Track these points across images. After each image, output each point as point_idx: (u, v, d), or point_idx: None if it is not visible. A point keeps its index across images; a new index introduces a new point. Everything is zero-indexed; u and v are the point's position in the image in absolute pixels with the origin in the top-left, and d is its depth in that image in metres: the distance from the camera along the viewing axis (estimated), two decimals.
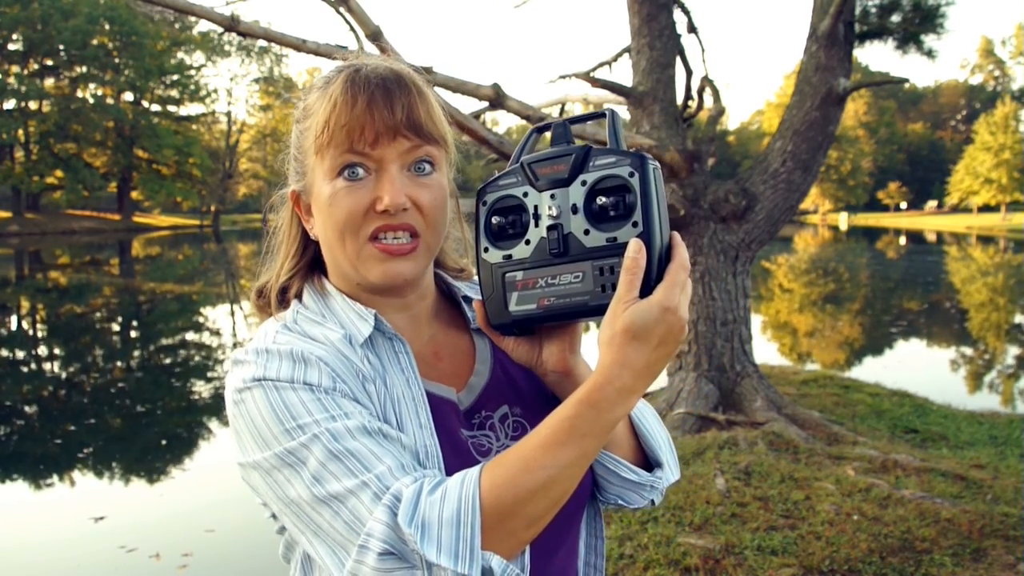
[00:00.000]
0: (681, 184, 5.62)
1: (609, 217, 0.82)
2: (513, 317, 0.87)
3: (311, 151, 0.90)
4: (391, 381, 0.89)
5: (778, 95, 65.86)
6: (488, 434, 0.94)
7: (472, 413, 0.94)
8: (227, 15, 4.37)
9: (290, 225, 0.99)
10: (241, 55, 55.94)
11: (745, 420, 5.46)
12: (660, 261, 0.80)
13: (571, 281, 0.83)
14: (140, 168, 49.47)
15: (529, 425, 0.95)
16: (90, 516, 4.86)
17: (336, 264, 0.93)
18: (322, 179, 0.89)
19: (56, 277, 22.33)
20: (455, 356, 0.99)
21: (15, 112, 44.05)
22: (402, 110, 0.87)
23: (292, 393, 0.81)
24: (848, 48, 5.54)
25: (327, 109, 0.87)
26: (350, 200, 0.87)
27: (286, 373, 0.82)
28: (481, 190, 0.90)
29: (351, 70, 0.89)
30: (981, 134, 57.44)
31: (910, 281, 20.91)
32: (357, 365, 0.87)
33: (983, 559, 3.49)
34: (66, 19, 42.80)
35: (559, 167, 0.84)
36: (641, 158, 0.81)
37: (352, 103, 0.86)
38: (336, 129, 0.86)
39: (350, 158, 0.87)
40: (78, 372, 9.69)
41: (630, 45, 6.05)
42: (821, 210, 70.60)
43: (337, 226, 0.88)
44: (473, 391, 0.96)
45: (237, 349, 0.90)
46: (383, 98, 0.86)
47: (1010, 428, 6.14)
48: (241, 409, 0.83)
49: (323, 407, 0.80)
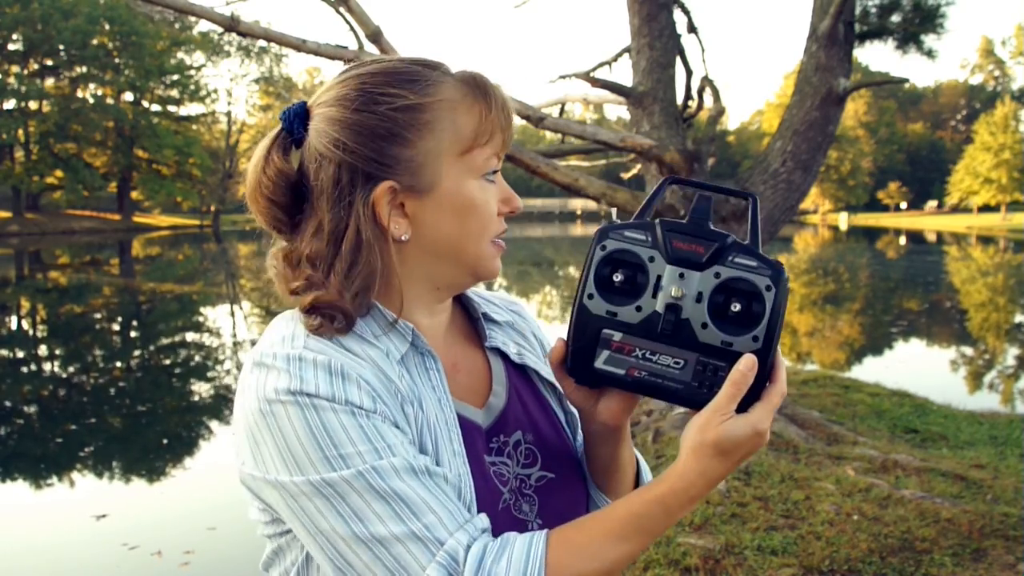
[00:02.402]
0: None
1: (731, 319, 0.80)
2: (596, 374, 0.84)
3: (446, 149, 0.85)
4: (426, 402, 0.85)
5: (778, 95, 65.84)
6: (506, 461, 0.91)
7: (491, 436, 0.92)
8: (227, 15, 4.37)
9: (361, 226, 0.83)
10: (241, 55, 55.91)
11: None
12: (763, 379, 0.80)
13: (670, 365, 0.81)
14: (140, 168, 49.45)
15: (539, 453, 0.94)
16: (91, 514, 4.87)
17: (439, 267, 0.89)
18: (462, 178, 0.86)
19: (56, 277, 22.32)
20: (472, 372, 0.96)
21: (15, 112, 44.03)
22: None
23: (332, 415, 0.76)
24: (848, 48, 5.54)
25: (481, 108, 0.87)
26: (491, 202, 0.88)
27: (325, 389, 0.77)
28: (603, 232, 0.85)
29: (467, 73, 0.89)
30: (981, 134, 57.43)
31: (910, 281, 20.91)
32: (396, 383, 0.83)
33: (983, 559, 3.49)
34: (66, 19, 42.79)
35: (697, 248, 0.81)
36: (779, 271, 0.79)
37: (503, 106, 0.88)
38: (494, 132, 0.87)
39: (495, 163, 0.89)
40: (78, 372, 9.69)
41: (630, 45, 6.05)
42: (821, 210, 70.58)
43: (481, 226, 0.88)
44: (492, 412, 0.93)
45: (258, 349, 0.83)
46: (505, 102, 0.89)
47: (1010, 428, 6.14)
48: (269, 422, 0.77)
49: (366, 436, 0.76)
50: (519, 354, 1.00)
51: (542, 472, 0.93)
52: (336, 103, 0.86)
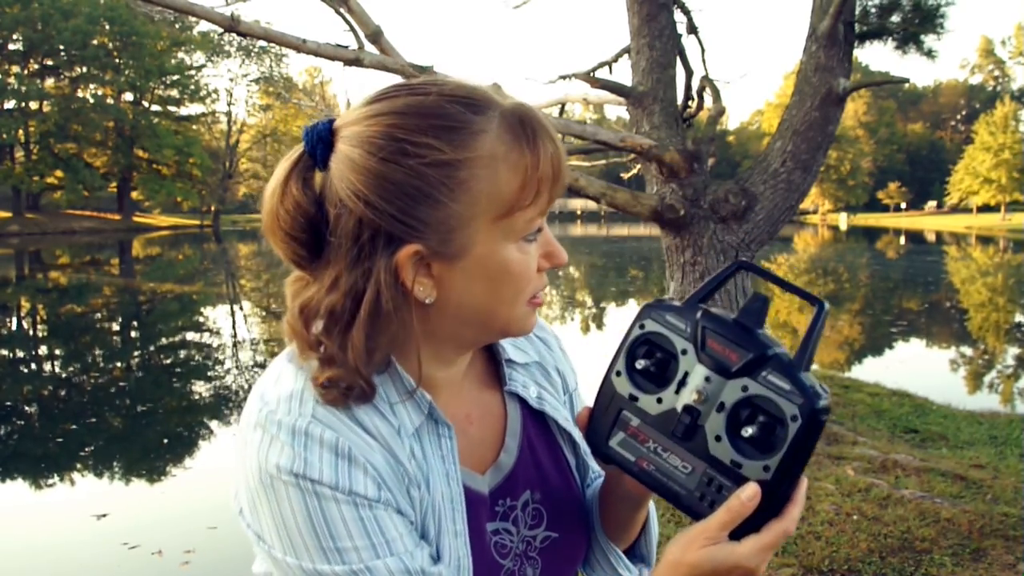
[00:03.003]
0: (681, 184, 5.62)
1: (748, 439, 0.73)
2: (607, 454, 0.81)
3: (484, 210, 0.74)
4: (433, 479, 0.80)
5: (778, 95, 65.88)
6: (510, 528, 0.86)
7: (496, 498, 0.86)
8: (227, 15, 4.37)
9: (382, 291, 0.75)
10: (241, 55, 55.94)
11: None
12: (766, 512, 0.73)
13: (678, 467, 0.77)
14: (140, 168, 49.48)
15: (545, 513, 0.89)
16: (92, 513, 4.87)
17: (465, 331, 0.81)
18: (497, 242, 0.76)
19: (56, 277, 22.33)
20: (485, 420, 0.89)
21: (15, 112, 44.06)
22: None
23: (334, 505, 0.72)
24: (848, 48, 5.54)
25: (528, 164, 0.75)
26: (530, 264, 0.79)
27: (329, 476, 0.72)
28: (647, 309, 0.80)
29: (517, 109, 0.77)
30: (981, 134, 57.46)
31: (910, 281, 20.92)
32: (404, 466, 0.78)
33: (983, 559, 3.49)
34: (66, 19, 42.80)
35: (731, 354, 0.74)
36: (812, 402, 0.71)
37: (554, 156, 0.77)
38: (543, 189, 0.76)
39: (540, 222, 0.78)
40: (78, 372, 9.70)
41: (630, 45, 6.06)
42: (821, 210, 70.61)
43: (518, 291, 0.79)
44: (500, 471, 0.87)
45: (260, 402, 0.76)
46: (557, 149, 0.78)
47: (1010, 428, 6.15)
48: (270, 496, 0.74)
49: (365, 530, 0.73)
50: (539, 398, 0.94)
51: (547, 532, 0.89)
52: (361, 144, 0.74)
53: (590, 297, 18.00)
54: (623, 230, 48.92)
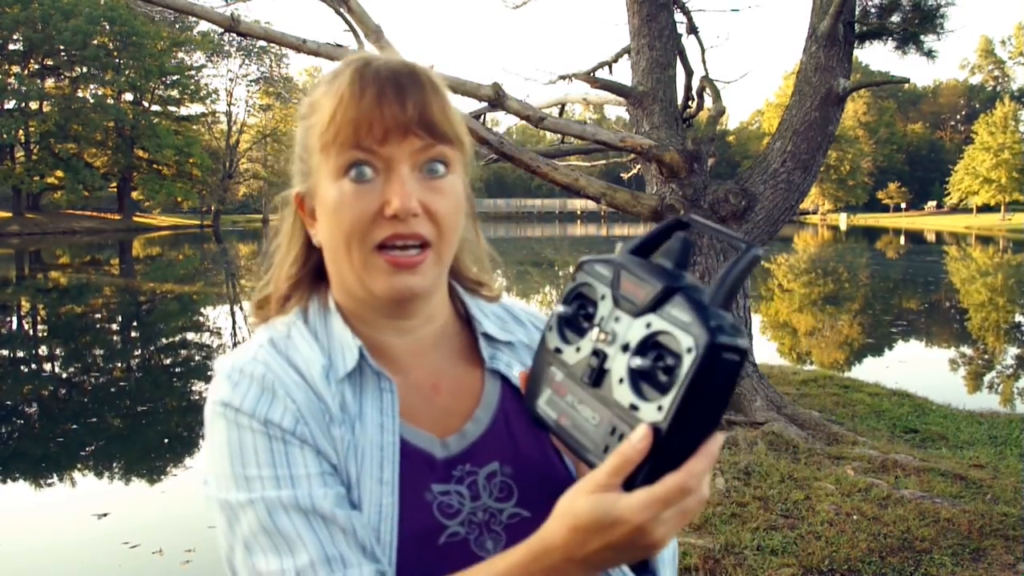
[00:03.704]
0: (681, 184, 5.63)
1: (648, 379, 0.66)
2: (537, 414, 0.76)
3: (316, 149, 0.82)
4: (362, 425, 0.82)
5: (778, 95, 65.88)
6: (462, 491, 0.85)
7: (455, 463, 0.86)
8: (227, 15, 4.38)
9: (292, 230, 0.90)
10: (241, 55, 55.96)
11: (745, 420, 5.46)
12: (662, 461, 0.64)
13: (588, 419, 0.70)
14: (140, 168, 49.50)
15: (516, 488, 0.87)
16: (93, 513, 4.87)
17: (340, 275, 0.86)
18: (327, 180, 0.82)
19: (56, 277, 22.34)
20: (456, 392, 0.90)
21: (15, 112, 44.07)
22: (414, 106, 0.80)
23: (249, 435, 0.78)
24: (848, 48, 5.55)
25: (333, 103, 0.80)
26: (357, 204, 0.80)
27: (249, 404, 0.79)
28: (580, 264, 0.76)
29: (360, 63, 0.82)
30: (981, 134, 57.49)
31: (910, 281, 20.92)
32: (327, 403, 0.82)
33: (983, 559, 3.50)
34: (66, 19, 42.81)
35: (639, 291, 0.69)
36: (713, 334, 0.62)
37: (360, 96, 0.79)
38: (343, 124, 0.79)
39: (356, 155, 0.79)
40: (78, 372, 9.70)
41: (630, 45, 6.06)
42: (821, 210, 70.62)
43: (343, 232, 0.81)
44: (465, 439, 0.87)
45: (229, 352, 0.86)
46: (394, 92, 0.79)
47: (1010, 428, 6.15)
48: (208, 431, 0.81)
49: (273, 461, 0.77)
50: None
51: (516, 509, 0.86)
52: None
53: None
54: (623, 230, 48.92)
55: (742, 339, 0.64)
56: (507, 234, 45.54)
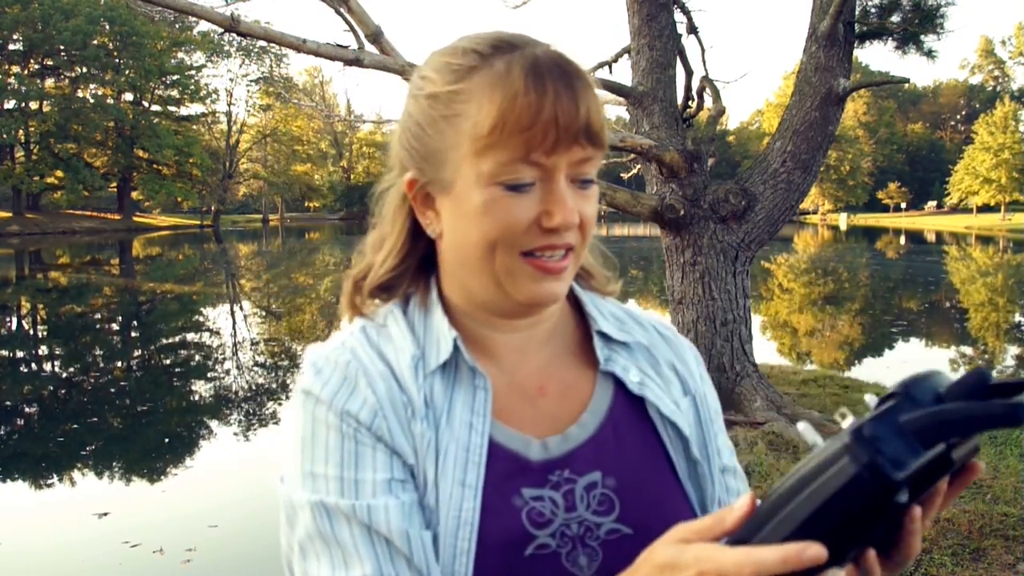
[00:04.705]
0: (681, 184, 5.63)
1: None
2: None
3: (464, 147, 0.74)
4: (449, 423, 0.77)
5: (778, 95, 65.91)
6: (556, 499, 0.78)
7: (552, 467, 0.79)
8: (227, 15, 4.38)
9: (397, 216, 0.84)
10: (241, 55, 55.98)
11: (745, 420, 5.47)
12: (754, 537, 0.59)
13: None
14: (140, 168, 49.53)
15: (619, 503, 0.79)
16: (93, 512, 4.87)
17: (469, 276, 0.79)
18: (474, 182, 0.74)
19: (56, 277, 22.34)
20: (564, 394, 0.84)
21: (15, 112, 44.10)
22: (585, 112, 0.72)
23: (323, 429, 0.75)
24: (848, 48, 5.55)
25: (502, 103, 0.71)
26: (511, 211, 0.73)
27: (328, 392, 0.76)
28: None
29: (528, 55, 0.73)
30: (981, 134, 57.53)
31: (910, 281, 20.93)
32: (412, 396, 0.77)
33: (982, 559, 3.50)
34: (66, 19, 42.83)
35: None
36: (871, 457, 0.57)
37: (538, 101, 0.70)
38: (514, 131, 0.71)
39: (523, 171, 0.73)
40: (78, 372, 9.70)
41: (630, 45, 6.06)
42: (821, 210, 70.65)
43: (489, 237, 0.74)
44: (567, 442, 0.81)
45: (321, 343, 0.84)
46: (569, 95, 0.71)
47: (1010, 428, 6.15)
48: (291, 416, 0.80)
49: (341, 460, 0.74)
50: (641, 383, 0.86)
51: (617, 525, 0.78)
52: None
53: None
54: (623, 230, 48.94)
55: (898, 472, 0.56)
56: None
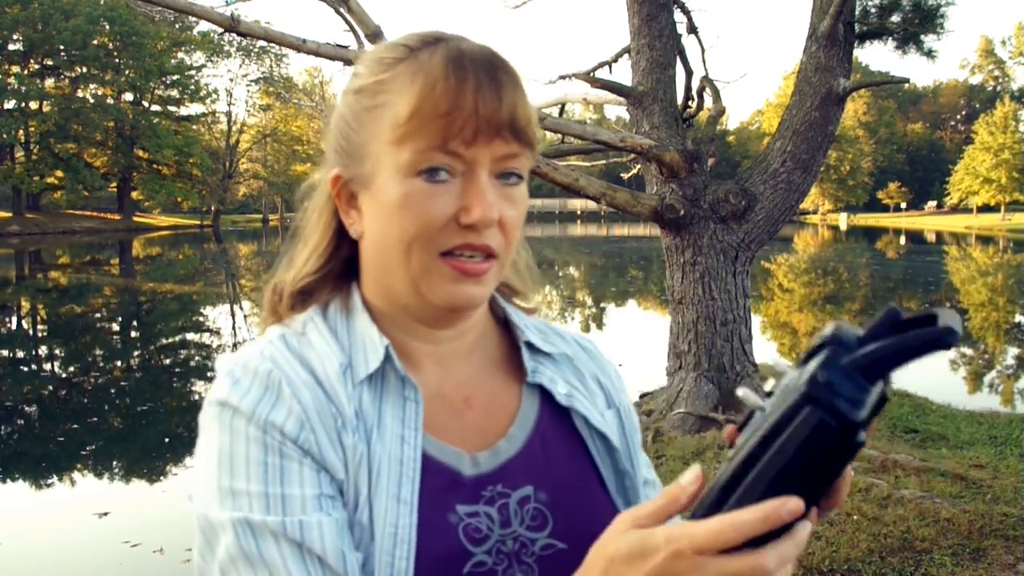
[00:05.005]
0: (681, 184, 5.63)
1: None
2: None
3: (383, 137, 0.73)
4: (380, 436, 0.73)
5: (778, 95, 65.89)
6: (492, 514, 0.75)
7: (484, 483, 0.76)
8: (227, 15, 4.38)
9: (321, 215, 0.81)
10: (241, 55, 55.96)
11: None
12: (716, 509, 0.57)
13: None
14: (140, 168, 49.51)
15: (552, 518, 0.77)
16: (93, 512, 4.88)
17: (386, 277, 0.76)
18: (393, 174, 0.72)
19: (56, 277, 22.34)
20: (490, 407, 0.81)
21: (15, 112, 44.08)
22: (509, 106, 0.70)
23: (243, 442, 0.69)
24: (848, 48, 5.55)
25: (421, 91, 0.70)
26: (429, 206, 0.71)
27: (249, 404, 0.70)
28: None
29: (452, 46, 0.72)
30: (981, 134, 57.50)
31: (910, 281, 20.92)
32: (341, 407, 0.72)
33: (983, 559, 3.50)
34: (66, 19, 42.82)
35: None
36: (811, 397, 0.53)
37: (457, 89, 0.69)
38: (432, 119, 0.69)
39: (439, 158, 0.70)
40: (78, 372, 9.70)
41: (630, 45, 6.06)
42: (821, 210, 70.63)
43: (406, 234, 0.72)
44: (497, 457, 0.78)
45: (238, 349, 0.77)
46: (491, 87, 0.70)
47: (1010, 428, 6.15)
48: (201, 434, 0.72)
49: (265, 475, 0.68)
50: (568, 395, 0.84)
51: (552, 540, 0.77)
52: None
53: (590, 297, 18.00)
54: (623, 230, 48.94)
55: (858, 411, 0.52)
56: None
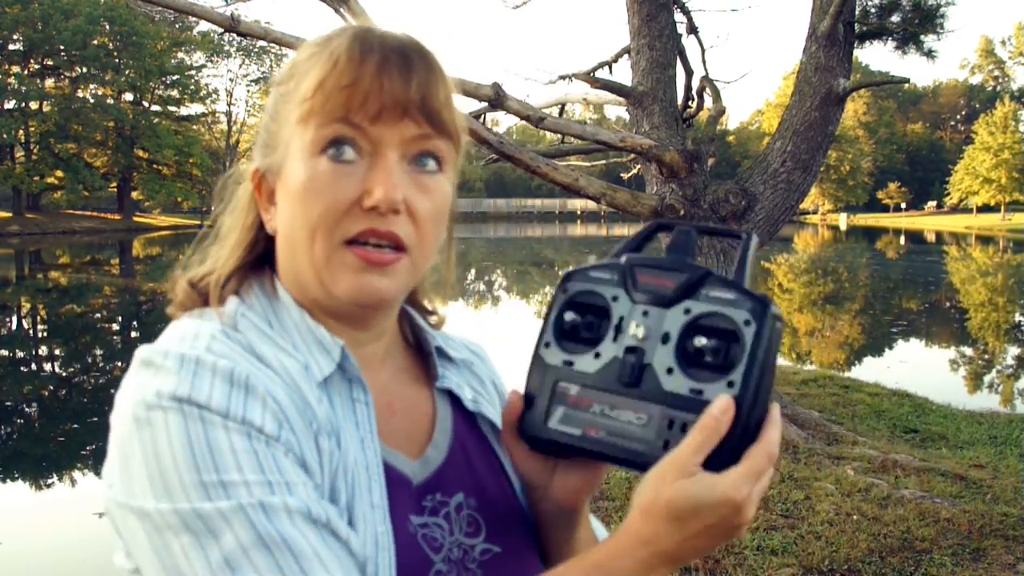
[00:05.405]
0: (681, 184, 5.63)
1: (702, 363, 0.66)
2: (549, 436, 0.70)
3: (291, 119, 0.70)
4: (345, 439, 0.69)
5: (778, 95, 65.88)
6: (441, 523, 0.74)
7: (424, 494, 0.74)
8: (227, 15, 4.38)
9: (246, 211, 0.76)
10: (241, 55, 55.98)
11: None
12: (743, 435, 0.63)
13: (632, 421, 0.67)
14: (140, 168, 49.51)
15: (483, 523, 0.76)
16: (93, 512, 4.87)
17: (295, 270, 0.72)
18: (299, 155, 0.69)
19: (56, 277, 22.35)
20: (411, 414, 0.79)
21: (15, 112, 44.07)
22: (418, 86, 0.68)
23: (223, 433, 0.60)
24: (848, 48, 5.54)
25: (325, 66, 0.68)
26: (332, 188, 0.67)
27: (219, 400, 0.61)
28: (568, 275, 0.73)
29: (362, 29, 0.70)
30: (981, 134, 57.52)
31: (910, 281, 20.92)
32: (313, 409, 0.67)
33: (982, 559, 3.50)
34: (66, 19, 42.81)
35: (665, 281, 0.68)
36: (764, 304, 0.65)
37: (359, 62, 0.67)
38: (333, 91, 0.67)
39: (341, 130, 0.68)
40: (78, 372, 9.70)
41: (630, 45, 6.06)
42: (821, 210, 70.63)
43: (309, 219, 0.68)
44: (428, 466, 0.76)
45: (146, 346, 0.68)
46: (399, 66, 0.68)
47: (1010, 428, 6.15)
48: (143, 433, 0.61)
49: (259, 464, 0.60)
50: (474, 400, 0.84)
51: (487, 545, 0.76)
52: None
53: None
54: (623, 230, 48.93)
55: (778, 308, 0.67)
56: (507, 234, 45.55)
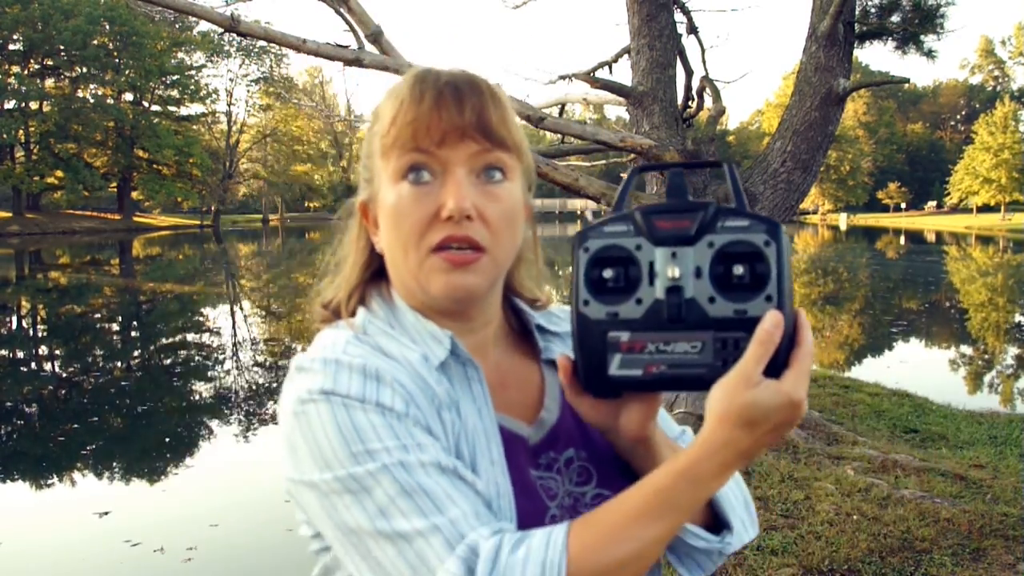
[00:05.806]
0: None
1: (737, 286, 0.74)
2: (613, 382, 0.77)
3: (377, 154, 0.86)
4: (464, 410, 0.84)
5: (778, 95, 65.89)
6: (555, 477, 0.88)
7: (539, 452, 0.89)
8: (227, 15, 4.38)
9: (359, 237, 0.93)
10: (241, 55, 55.95)
11: None
12: (789, 343, 0.72)
13: (687, 351, 0.75)
14: (140, 168, 49.52)
15: (595, 472, 0.90)
16: (94, 512, 4.88)
17: (401, 280, 0.88)
18: (388, 184, 0.84)
19: (56, 277, 22.35)
20: (523, 386, 0.93)
21: (15, 112, 44.08)
22: (472, 110, 0.82)
23: (362, 414, 0.76)
24: (848, 48, 5.54)
25: (394, 107, 0.83)
26: (415, 206, 0.82)
27: (357, 390, 0.78)
28: (581, 235, 0.80)
29: (421, 71, 0.86)
30: (981, 134, 57.52)
31: (910, 281, 20.93)
32: (434, 389, 0.82)
33: (983, 559, 3.50)
34: (66, 19, 42.82)
35: (683, 223, 0.76)
36: (775, 225, 0.74)
37: (419, 100, 0.82)
38: (402, 127, 0.82)
39: (415, 158, 0.82)
40: (78, 372, 9.70)
41: (630, 45, 6.06)
42: (821, 210, 70.64)
43: (401, 235, 0.83)
44: (543, 427, 0.90)
45: (299, 355, 0.84)
46: (452, 97, 0.82)
47: (1010, 428, 6.15)
48: (301, 422, 0.78)
49: (394, 434, 0.76)
50: None
51: (598, 490, 0.89)
52: None
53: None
54: None
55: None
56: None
